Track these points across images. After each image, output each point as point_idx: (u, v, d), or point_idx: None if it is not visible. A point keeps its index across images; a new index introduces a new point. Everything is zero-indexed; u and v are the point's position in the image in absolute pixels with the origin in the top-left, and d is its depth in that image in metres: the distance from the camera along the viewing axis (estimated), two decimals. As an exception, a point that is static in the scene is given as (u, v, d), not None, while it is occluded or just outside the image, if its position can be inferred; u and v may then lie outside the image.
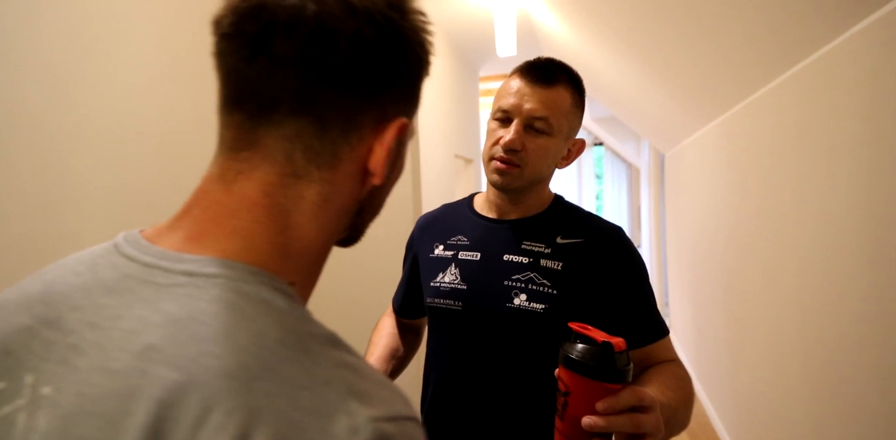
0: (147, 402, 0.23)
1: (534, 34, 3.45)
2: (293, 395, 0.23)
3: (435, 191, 2.97)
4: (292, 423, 0.22)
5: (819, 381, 1.31)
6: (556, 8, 2.58)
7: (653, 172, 4.82)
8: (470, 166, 4.14)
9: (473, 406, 0.72)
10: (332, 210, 0.33)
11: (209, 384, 0.23)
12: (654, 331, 0.71)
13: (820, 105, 1.29)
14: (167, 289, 0.27)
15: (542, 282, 0.70)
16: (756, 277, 1.82)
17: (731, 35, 1.55)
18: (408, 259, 0.87)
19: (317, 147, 0.32)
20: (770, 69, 1.56)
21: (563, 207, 0.78)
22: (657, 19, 1.80)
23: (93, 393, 0.25)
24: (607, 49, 2.54)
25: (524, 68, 0.72)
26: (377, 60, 0.31)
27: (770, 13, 1.29)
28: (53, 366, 0.26)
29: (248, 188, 0.31)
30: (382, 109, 0.33)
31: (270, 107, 0.30)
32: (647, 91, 2.75)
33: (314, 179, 0.32)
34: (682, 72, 2.12)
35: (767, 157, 1.68)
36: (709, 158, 2.54)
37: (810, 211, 1.35)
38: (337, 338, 0.29)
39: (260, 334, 0.25)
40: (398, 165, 0.37)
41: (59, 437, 0.24)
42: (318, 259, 0.34)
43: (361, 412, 0.23)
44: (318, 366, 0.25)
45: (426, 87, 0.37)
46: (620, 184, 6.75)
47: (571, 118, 0.72)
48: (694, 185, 2.95)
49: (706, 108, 2.33)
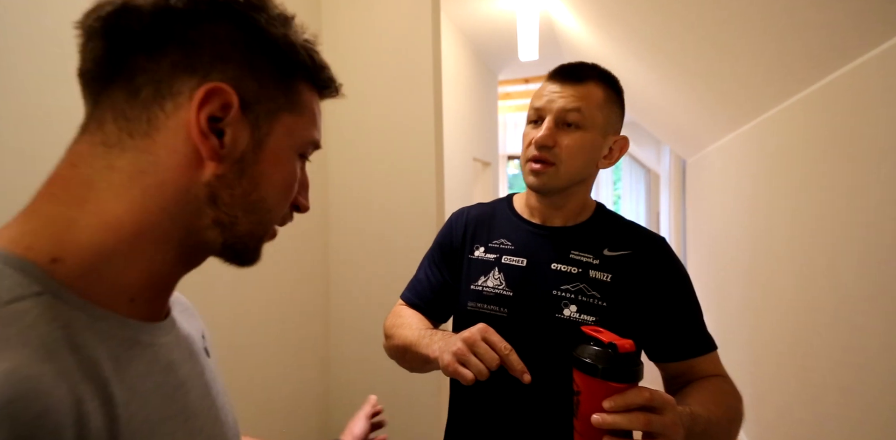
0: None
1: (555, 38, 3.43)
2: None
3: (453, 194, 2.96)
4: None
5: (855, 399, 1.26)
6: (579, 12, 2.57)
7: (674, 179, 4.75)
8: (487, 169, 4.13)
9: (513, 415, 0.70)
10: (152, 184, 0.32)
11: None
12: (700, 345, 0.70)
13: (855, 114, 1.25)
14: None
15: (591, 293, 0.69)
16: (787, 289, 1.77)
17: (763, 42, 1.51)
18: (444, 252, 0.80)
19: (128, 113, 0.31)
20: (803, 77, 1.52)
21: (607, 216, 0.77)
22: (685, 24, 1.77)
23: None
24: (631, 53, 2.51)
25: (555, 71, 0.72)
26: (194, 31, 0.32)
27: (806, 21, 1.26)
28: None
29: (61, 161, 0.32)
30: (205, 79, 0.32)
31: (92, 80, 0.32)
32: (672, 96, 2.71)
33: (127, 148, 0.31)
34: (711, 78, 2.08)
35: (800, 166, 1.64)
36: (736, 166, 2.49)
37: (845, 221, 1.31)
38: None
39: None
40: (253, 157, 0.34)
41: None
42: (135, 237, 0.32)
43: None
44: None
45: (444, 89, 0.36)
46: (638, 190, 6.66)
47: (607, 111, 0.69)
48: (718, 193, 2.89)
49: (735, 115, 2.28)
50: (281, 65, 0.35)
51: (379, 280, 1.59)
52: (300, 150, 0.38)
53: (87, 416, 0.26)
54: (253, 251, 0.38)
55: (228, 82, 0.33)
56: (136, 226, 0.32)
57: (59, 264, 0.30)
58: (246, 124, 0.34)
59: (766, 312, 1.99)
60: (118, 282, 0.32)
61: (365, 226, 1.60)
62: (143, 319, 0.34)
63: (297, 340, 1.50)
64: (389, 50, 1.55)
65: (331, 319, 1.65)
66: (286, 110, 0.36)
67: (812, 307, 1.54)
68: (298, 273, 1.51)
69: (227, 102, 0.33)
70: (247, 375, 1.27)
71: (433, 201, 1.54)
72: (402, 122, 1.55)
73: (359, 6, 1.57)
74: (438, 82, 1.56)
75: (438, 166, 1.56)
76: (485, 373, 0.54)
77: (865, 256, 1.20)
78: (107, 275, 0.31)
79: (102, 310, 0.31)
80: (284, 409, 1.42)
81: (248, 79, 0.34)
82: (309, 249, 1.56)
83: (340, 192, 1.62)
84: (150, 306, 0.35)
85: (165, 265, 0.34)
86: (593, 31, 2.68)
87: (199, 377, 0.38)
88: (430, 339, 0.66)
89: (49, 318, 0.27)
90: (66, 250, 0.30)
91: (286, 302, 1.45)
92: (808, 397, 1.58)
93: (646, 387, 0.48)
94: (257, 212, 0.36)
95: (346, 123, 1.59)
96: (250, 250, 0.37)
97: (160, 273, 0.34)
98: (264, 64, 0.34)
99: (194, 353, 0.40)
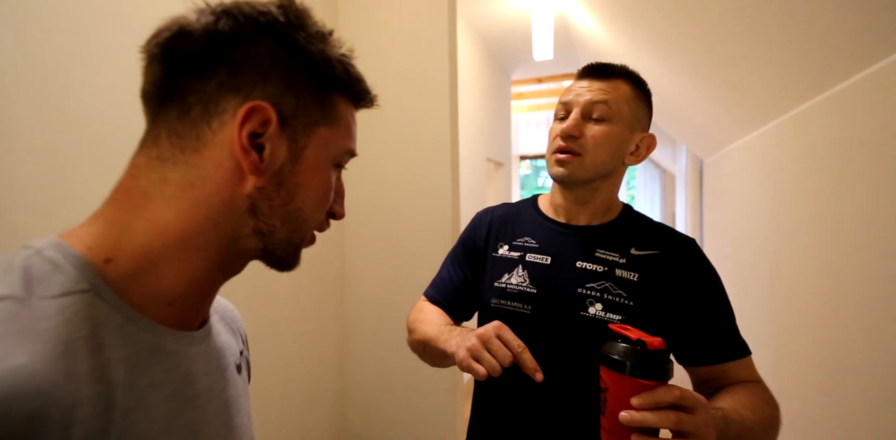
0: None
1: (570, 37, 3.40)
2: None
3: (466, 194, 2.95)
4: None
5: (887, 410, 1.22)
6: (595, 9, 2.54)
7: (690, 179, 4.67)
8: (500, 169, 4.11)
9: (538, 413, 0.69)
10: (200, 196, 0.34)
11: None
12: (733, 349, 0.68)
13: (881, 115, 1.21)
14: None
15: (618, 292, 0.68)
16: (812, 292, 1.72)
17: (787, 41, 1.47)
18: (467, 251, 0.80)
19: (179, 130, 0.34)
20: (828, 77, 1.47)
21: (634, 217, 0.76)
22: (706, 21, 1.73)
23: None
24: (647, 51, 2.47)
25: (584, 68, 0.73)
26: (238, 52, 0.34)
27: (830, 20, 1.22)
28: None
29: (124, 172, 0.35)
30: (247, 98, 0.34)
31: (151, 100, 0.35)
32: (690, 94, 2.66)
33: (179, 162, 0.34)
34: (731, 76, 2.04)
35: (826, 167, 1.59)
36: (758, 166, 2.43)
37: (872, 223, 1.27)
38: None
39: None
40: (291, 169, 0.36)
41: None
42: (181, 243, 0.34)
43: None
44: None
45: (459, 89, 0.37)
46: (653, 190, 6.58)
47: (634, 106, 0.70)
48: (739, 193, 2.84)
49: (757, 113, 2.23)
50: (318, 79, 0.37)
51: (395, 280, 1.59)
52: (335, 160, 0.40)
53: (80, 423, 0.27)
54: (292, 257, 0.39)
55: (268, 100, 0.35)
56: (183, 234, 0.34)
57: (112, 264, 0.32)
58: (284, 139, 0.36)
59: (789, 316, 1.94)
60: (161, 286, 0.34)
61: (381, 226, 1.60)
62: (175, 326, 0.35)
63: (315, 340, 1.50)
64: (405, 51, 1.54)
65: (347, 320, 1.66)
66: (322, 124, 0.38)
67: (838, 311, 1.50)
68: (315, 274, 1.51)
69: (266, 119, 0.35)
70: (266, 374, 1.27)
71: (448, 202, 1.53)
72: (417, 122, 1.55)
73: (375, 7, 1.57)
74: (454, 83, 1.55)
75: (454, 167, 1.55)
76: (497, 369, 0.54)
77: (895, 259, 1.16)
78: (152, 277, 0.33)
79: (137, 313, 0.32)
80: (302, 407, 1.42)
81: (288, 95, 0.36)
82: (326, 250, 1.56)
83: (357, 192, 1.63)
84: (186, 312, 0.36)
85: (207, 271, 0.36)
86: (609, 29, 2.65)
87: (219, 392, 0.39)
88: (448, 335, 0.66)
89: (85, 316, 0.29)
90: (120, 251, 0.32)
91: (303, 303, 1.45)
92: (835, 406, 1.53)
93: (676, 385, 0.47)
94: (294, 220, 0.38)
95: (361, 124, 1.59)
96: (289, 256, 0.39)
97: (201, 278, 0.36)
98: (302, 80, 0.36)
99: (222, 367, 0.40)
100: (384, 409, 1.60)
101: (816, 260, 1.69)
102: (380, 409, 1.61)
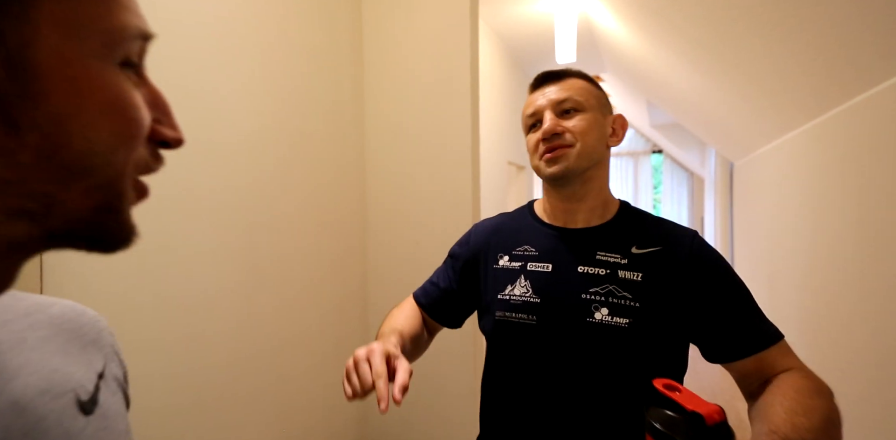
0: None
1: (593, 39, 3.36)
2: None
3: (487, 197, 2.94)
4: None
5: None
6: (619, 13, 2.50)
7: (720, 182, 4.53)
8: (522, 173, 4.08)
9: (550, 425, 0.68)
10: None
11: None
12: (763, 336, 0.63)
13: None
14: None
15: (622, 294, 0.65)
16: (851, 299, 1.64)
17: (821, 39, 1.41)
18: (457, 263, 0.82)
19: None
20: (866, 78, 1.40)
21: (632, 214, 0.74)
22: (735, 22, 1.68)
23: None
24: (674, 54, 2.41)
25: (533, 82, 0.75)
26: None
27: (867, 16, 1.16)
28: None
29: None
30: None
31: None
32: (719, 97, 2.59)
33: None
34: (763, 77, 1.97)
35: (868, 169, 1.52)
36: (794, 169, 2.34)
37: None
38: None
39: None
40: (21, 91, 0.20)
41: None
42: None
43: None
44: None
45: (480, 92, 0.32)
46: (681, 193, 6.42)
47: (595, 94, 0.72)
48: (772, 198, 2.73)
49: (790, 115, 2.15)
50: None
51: (416, 282, 1.59)
52: (113, 52, 0.23)
53: None
54: (113, 228, 0.24)
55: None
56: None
57: None
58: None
59: (828, 324, 1.85)
60: None
61: (402, 230, 1.61)
62: None
63: (335, 341, 1.52)
64: (427, 56, 1.55)
65: (369, 326, 1.67)
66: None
67: (880, 320, 1.42)
68: (337, 277, 1.53)
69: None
70: (291, 382, 1.29)
71: (469, 205, 1.52)
72: (439, 126, 1.55)
73: (398, 11, 1.59)
74: (476, 88, 1.55)
75: (475, 171, 1.54)
76: (358, 393, 0.55)
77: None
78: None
79: None
80: (322, 404, 1.44)
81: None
82: (347, 252, 1.58)
83: (378, 195, 1.64)
84: None
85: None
86: (633, 32, 2.60)
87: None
88: (383, 339, 0.67)
89: None
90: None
91: (327, 310, 1.47)
92: (881, 421, 1.45)
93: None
94: (83, 174, 0.22)
95: (384, 126, 1.61)
96: (107, 228, 0.24)
97: None
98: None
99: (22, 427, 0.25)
100: (405, 415, 1.60)
101: (853, 268, 1.60)
102: (400, 415, 1.61)
